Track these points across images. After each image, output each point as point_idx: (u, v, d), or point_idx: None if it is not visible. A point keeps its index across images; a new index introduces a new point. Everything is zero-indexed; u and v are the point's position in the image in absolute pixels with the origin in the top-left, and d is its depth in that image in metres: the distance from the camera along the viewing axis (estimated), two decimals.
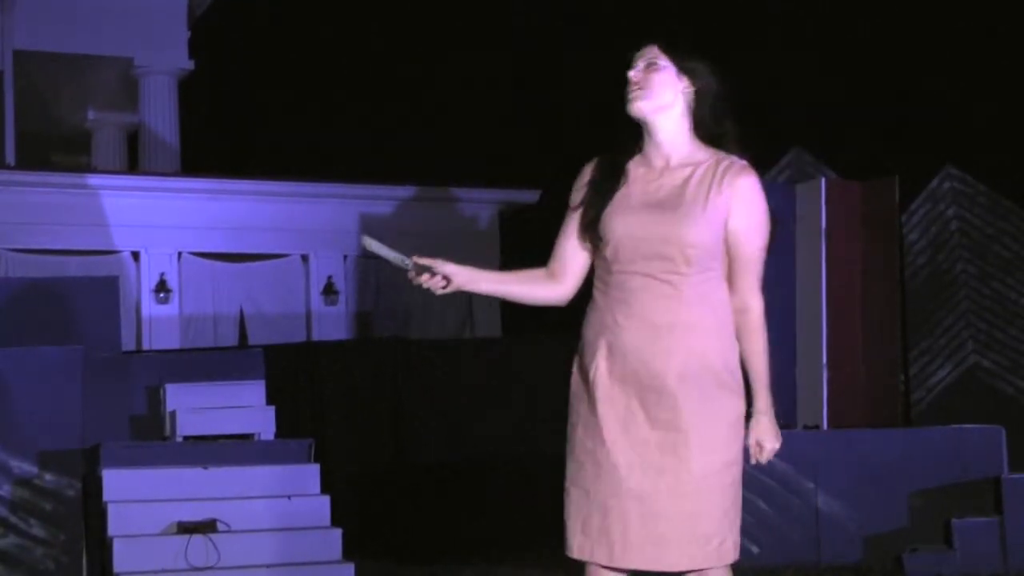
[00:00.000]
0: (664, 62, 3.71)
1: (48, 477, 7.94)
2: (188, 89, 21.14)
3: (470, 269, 3.79)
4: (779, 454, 9.26)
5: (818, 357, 10.32)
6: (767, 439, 3.80)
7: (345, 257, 18.33)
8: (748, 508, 9.27)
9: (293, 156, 20.80)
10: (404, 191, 18.72)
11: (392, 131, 22.89)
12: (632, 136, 3.79)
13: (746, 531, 9.17)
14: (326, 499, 8.14)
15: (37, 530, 7.87)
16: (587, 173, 3.85)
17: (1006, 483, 9.01)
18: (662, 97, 3.71)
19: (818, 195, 10.47)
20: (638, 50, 3.77)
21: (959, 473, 9.11)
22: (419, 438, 11.17)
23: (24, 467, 7.91)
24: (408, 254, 3.75)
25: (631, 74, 3.71)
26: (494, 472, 10.83)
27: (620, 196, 3.74)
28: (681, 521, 3.66)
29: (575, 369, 3.83)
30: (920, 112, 16.51)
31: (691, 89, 3.73)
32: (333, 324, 16.77)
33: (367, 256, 18.41)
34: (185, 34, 20.91)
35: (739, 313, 3.72)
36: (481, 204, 18.17)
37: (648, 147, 3.77)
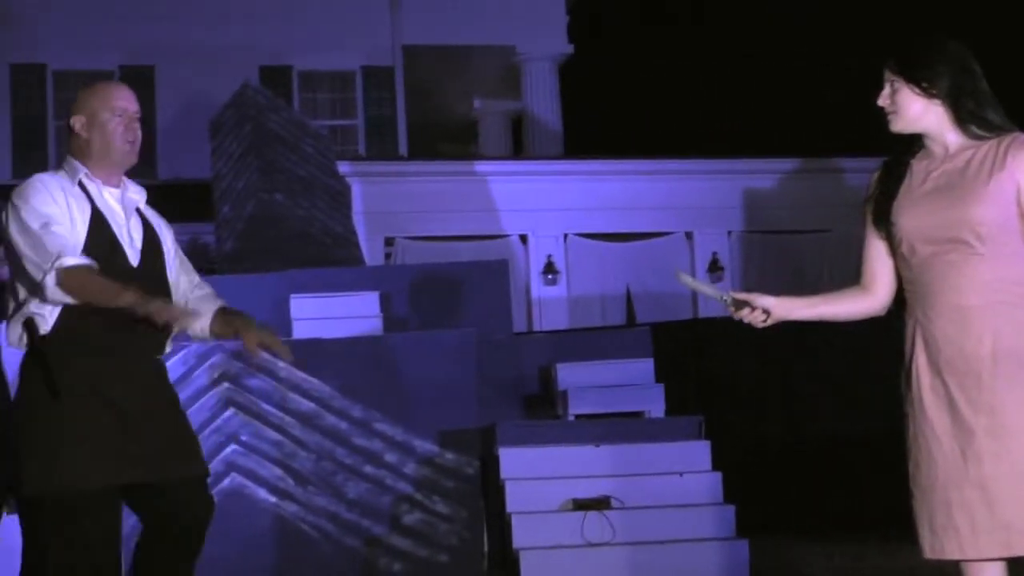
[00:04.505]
0: (900, 82, 3.80)
1: (448, 456, 8.20)
2: (568, 73, 21.47)
3: (786, 299, 3.93)
4: None
5: None
6: None
7: (729, 233, 18.24)
8: None
9: (674, 133, 20.82)
10: (787, 164, 18.47)
11: (774, 103, 22.61)
12: (912, 136, 3.86)
13: None
14: (718, 475, 8.13)
15: (440, 507, 8.15)
16: (875, 179, 3.96)
17: None
18: (911, 113, 3.79)
19: None
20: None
21: None
22: (809, 412, 11.00)
23: (426, 446, 8.20)
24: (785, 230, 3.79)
25: (878, 101, 3.85)
26: (888, 447, 10.52)
27: (904, 191, 3.82)
28: None
29: (903, 374, 3.85)
30: None
31: (937, 96, 3.77)
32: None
33: (752, 231, 18.27)
34: (564, 18, 21.25)
35: None
36: (866, 173, 17.72)
37: (926, 142, 3.84)
